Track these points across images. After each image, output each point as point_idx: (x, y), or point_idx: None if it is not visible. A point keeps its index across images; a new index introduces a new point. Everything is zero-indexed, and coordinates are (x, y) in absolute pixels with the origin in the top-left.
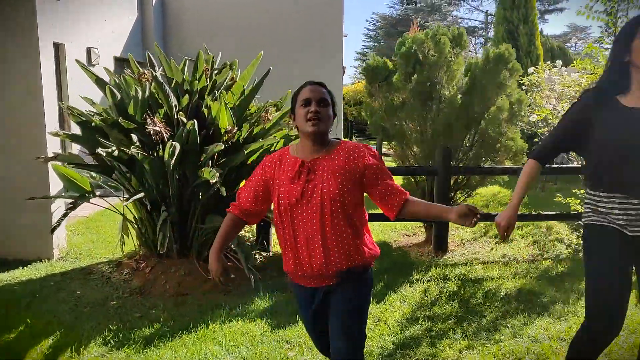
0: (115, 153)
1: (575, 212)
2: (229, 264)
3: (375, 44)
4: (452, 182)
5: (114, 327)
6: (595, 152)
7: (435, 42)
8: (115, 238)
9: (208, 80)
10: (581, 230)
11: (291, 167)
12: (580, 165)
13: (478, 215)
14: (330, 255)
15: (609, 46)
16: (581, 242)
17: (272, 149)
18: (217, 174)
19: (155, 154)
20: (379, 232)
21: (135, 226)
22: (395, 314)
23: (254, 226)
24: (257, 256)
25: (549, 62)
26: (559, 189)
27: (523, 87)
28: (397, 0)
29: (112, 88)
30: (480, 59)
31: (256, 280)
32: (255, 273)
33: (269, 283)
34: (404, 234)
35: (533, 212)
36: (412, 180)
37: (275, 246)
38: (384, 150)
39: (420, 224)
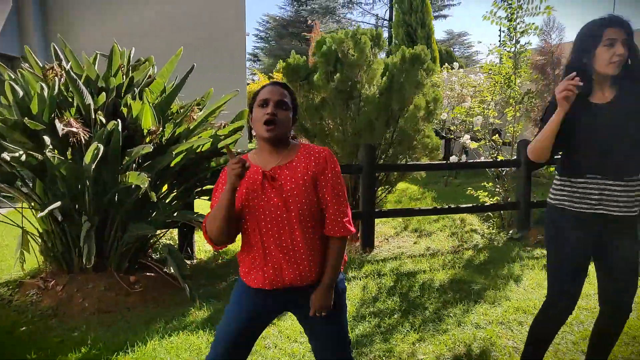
0: (23, 158)
1: (486, 204)
2: (150, 274)
3: (266, 45)
4: None
5: (33, 357)
6: (574, 144)
7: (355, 41)
8: (10, 255)
9: (124, 77)
10: (492, 217)
11: (253, 177)
12: (490, 160)
13: (319, 314)
14: (304, 266)
15: (512, 49)
16: (545, 225)
17: (198, 150)
18: (147, 178)
19: (70, 158)
20: None
21: (40, 240)
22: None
23: (176, 233)
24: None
25: (446, 64)
26: (460, 184)
27: None
28: (288, 2)
29: (13, 84)
30: (395, 58)
31: (191, 290)
32: (188, 282)
33: (201, 292)
34: None
35: (452, 206)
36: None
37: (199, 252)
38: None
39: None
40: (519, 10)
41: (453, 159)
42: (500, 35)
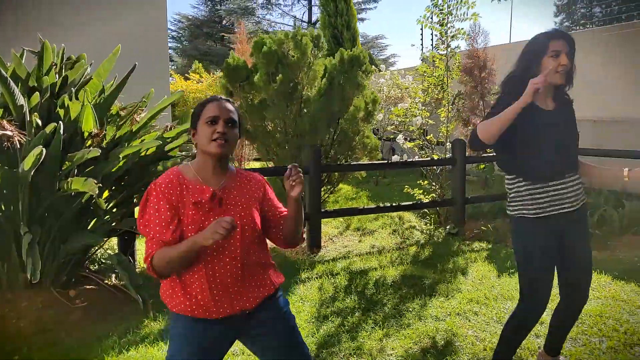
0: None
1: (425, 202)
2: (91, 287)
3: (179, 45)
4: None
5: None
6: (525, 148)
7: (296, 42)
8: None
9: (57, 75)
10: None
11: (199, 196)
12: (428, 159)
13: (293, 168)
14: (254, 286)
15: (444, 52)
16: (512, 233)
17: (143, 154)
18: (97, 184)
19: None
20: None
21: None
22: (303, 314)
23: (115, 242)
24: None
25: (374, 67)
26: (389, 183)
27: None
28: (202, 1)
29: None
30: (333, 60)
31: (145, 301)
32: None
33: (152, 302)
34: None
35: (393, 204)
36: (278, 180)
37: (142, 260)
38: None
39: None
40: (449, 16)
41: (395, 158)
42: (421, 40)
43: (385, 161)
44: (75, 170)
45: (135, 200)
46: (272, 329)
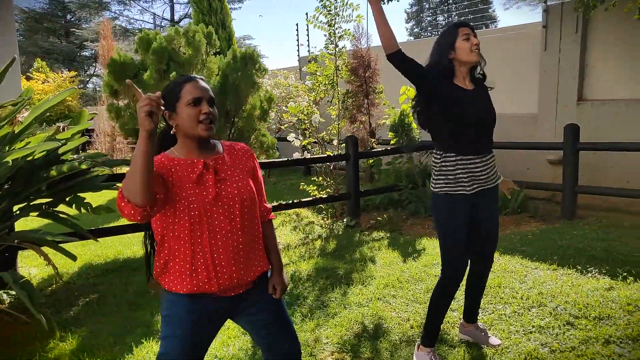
0: None
1: (324, 197)
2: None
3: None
4: None
5: None
6: (449, 124)
7: (188, 39)
8: None
9: None
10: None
11: (190, 169)
12: (324, 155)
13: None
14: (251, 260)
15: (333, 51)
16: (432, 208)
17: (30, 158)
18: None
19: None
20: (134, 241)
21: None
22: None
23: None
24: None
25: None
26: (276, 182)
27: None
28: None
29: None
30: (226, 58)
31: (49, 320)
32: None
33: (55, 321)
34: None
35: (290, 202)
36: None
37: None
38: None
39: None
40: (336, 17)
41: (296, 155)
42: (297, 39)
43: (286, 159)
44: None
45: (17, 212)
46: (265, 307)
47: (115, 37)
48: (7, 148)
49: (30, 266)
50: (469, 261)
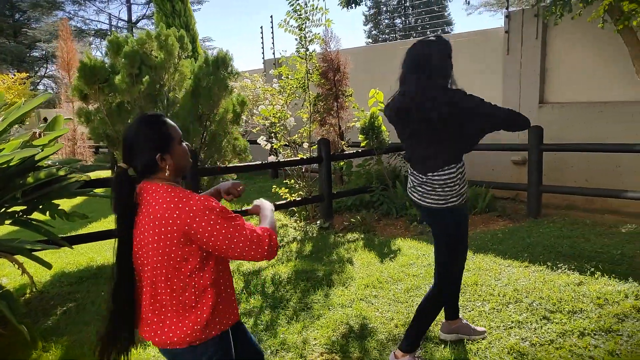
0: None
1: (298, 199)
2: None
3: None
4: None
5: None
6: (462, 138)
7: (161, 43)
8: None
9: None
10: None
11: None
12: (298, 158)
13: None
14: None
15: (304, 55)
16: (442, 223)
17: (8, 164)
18: None
19: None
20: (106, 248)
21: None
22: None
23: None
24: None
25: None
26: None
27: None
28: None
29: None
30: (198, 62)
31: (30, 329)
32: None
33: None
34: None
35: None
36: None
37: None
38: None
39: None
40: (307, 21)
41: (272, 158)
42: (262, 43)
43: (260, 162)
44: None
45: None
46: (241, 330)
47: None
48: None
49: (0, 276)
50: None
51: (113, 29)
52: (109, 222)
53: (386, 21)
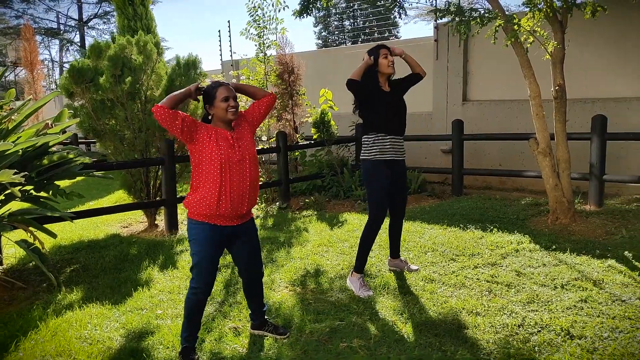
0: None
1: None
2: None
3: None
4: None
5: None
6: (377, 113)
7: (139, 48)
8: None
9: None
10: None
11: (224, 135)
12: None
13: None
14: (249, 201)
15: (262, 59)
16: (365, 171)
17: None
18: (19, 175)
19: None
20: (90, 227)
21: None
22: None
23: None
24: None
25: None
26: None
27: None
28: None
29: None
30: (166, 65)
31: (57, 279)
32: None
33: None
34: (120, 226)
35: None
36: (127, 173)
37: (7, 258)
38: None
39: (137, 213)
40: (264, 30)
41: None
42: (219, 46)
43: None
44: None
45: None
46: (248, 241)
47: (18, 36)
48: (1, 142)
49: (9, 247)
50: (390, 213)
51: (62, 27)
52: (104, 202)
53: (335, 23)
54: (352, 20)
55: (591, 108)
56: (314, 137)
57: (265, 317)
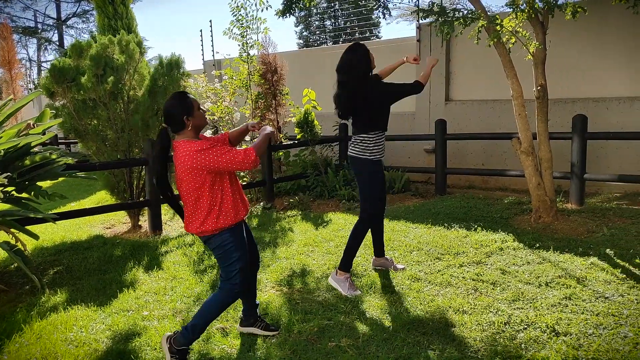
0: None
1: (242, 184)
2: None
3: None
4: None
5: None
6: (380, 111)
7: (122, 47)
8: None
9: None
10: None
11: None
12: None
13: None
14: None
15: (246, 59)
16: (358, 168)
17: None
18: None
19: None
20: (72, 228)
21: None
22: (196, 288)
23: None
24: None
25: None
26: None
27: None
28: None
29: None
30: (148, 65)
31: (41, 281)
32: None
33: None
34: (103, 227)
35: None
36: (110, 173)
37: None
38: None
39: (120, 214)
40: (248, 29)
41: None
42: (202, 47)
43: None
44: None
45: None
46: (247, 230)
47: None
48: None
49: None
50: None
51: (40, 26)
52: (87, 202)
53: (316, 22)
54: (333, 20)
55: (572, 108)
56: (298, 137)
57: (258, 313)
